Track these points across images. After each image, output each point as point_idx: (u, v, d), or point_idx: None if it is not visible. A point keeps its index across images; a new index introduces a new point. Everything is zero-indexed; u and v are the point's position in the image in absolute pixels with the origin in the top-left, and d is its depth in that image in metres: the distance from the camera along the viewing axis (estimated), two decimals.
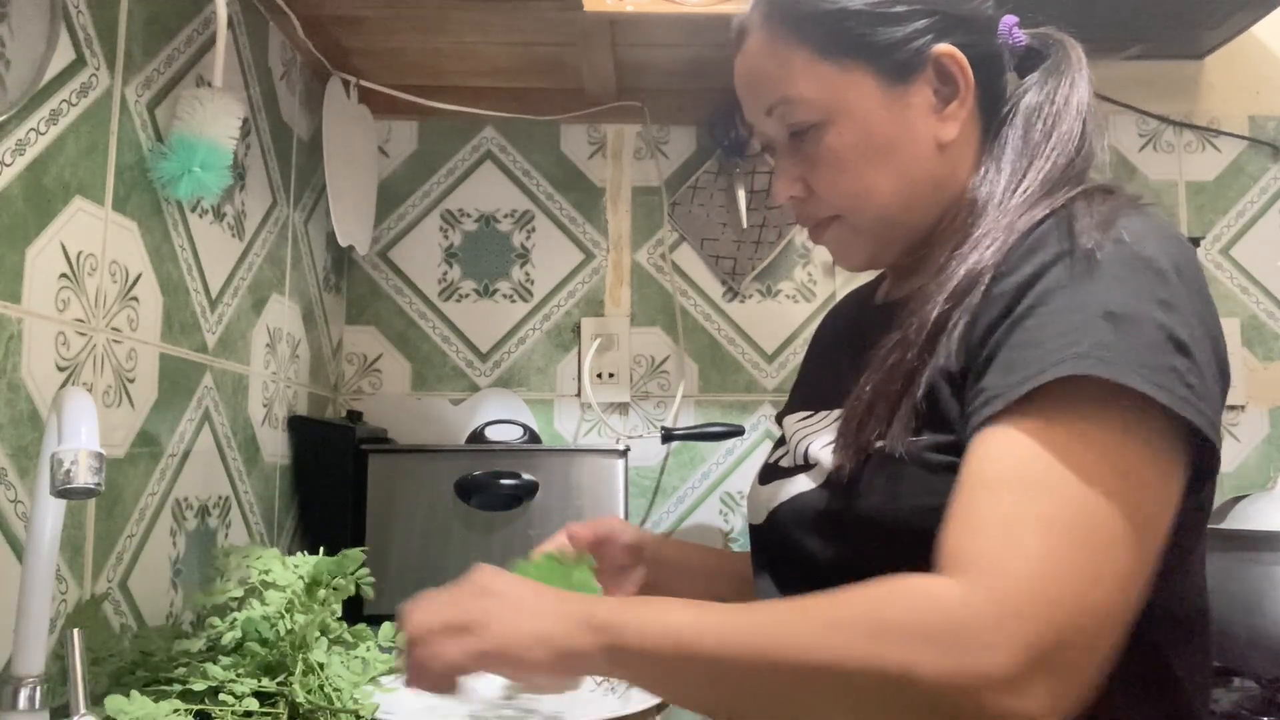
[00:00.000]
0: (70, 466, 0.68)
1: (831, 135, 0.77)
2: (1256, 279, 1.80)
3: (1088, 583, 0.57)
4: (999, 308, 0.66)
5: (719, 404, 1.79)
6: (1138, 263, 0.64)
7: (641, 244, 1.83)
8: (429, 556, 1.46)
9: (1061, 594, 0.56)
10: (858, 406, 0.73)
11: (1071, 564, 0.57)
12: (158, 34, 1.13)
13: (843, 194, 0.79)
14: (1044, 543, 0.57)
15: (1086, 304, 0.62)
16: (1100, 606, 0.57)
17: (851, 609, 0.59)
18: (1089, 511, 0.58)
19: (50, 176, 0.93)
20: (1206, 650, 0.72)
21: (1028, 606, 0.56)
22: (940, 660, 0.56)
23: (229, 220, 1.31)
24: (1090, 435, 0.60)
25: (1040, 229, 0.68)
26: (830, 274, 1.82)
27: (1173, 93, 1.83)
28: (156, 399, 1.12)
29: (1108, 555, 0.58)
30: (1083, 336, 0.61)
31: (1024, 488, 0.59)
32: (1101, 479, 0.59)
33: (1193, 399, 0.60)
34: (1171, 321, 0.62)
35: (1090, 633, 0.57)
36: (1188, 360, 0.61)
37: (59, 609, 0.93)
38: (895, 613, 0.58)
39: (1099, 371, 0.59)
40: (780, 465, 0.85)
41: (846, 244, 0.83)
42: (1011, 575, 0.57)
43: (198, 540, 1.23)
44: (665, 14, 1.43)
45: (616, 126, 1.85)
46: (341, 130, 1.64)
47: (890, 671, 0.56)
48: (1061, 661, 0.56)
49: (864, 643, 0.57)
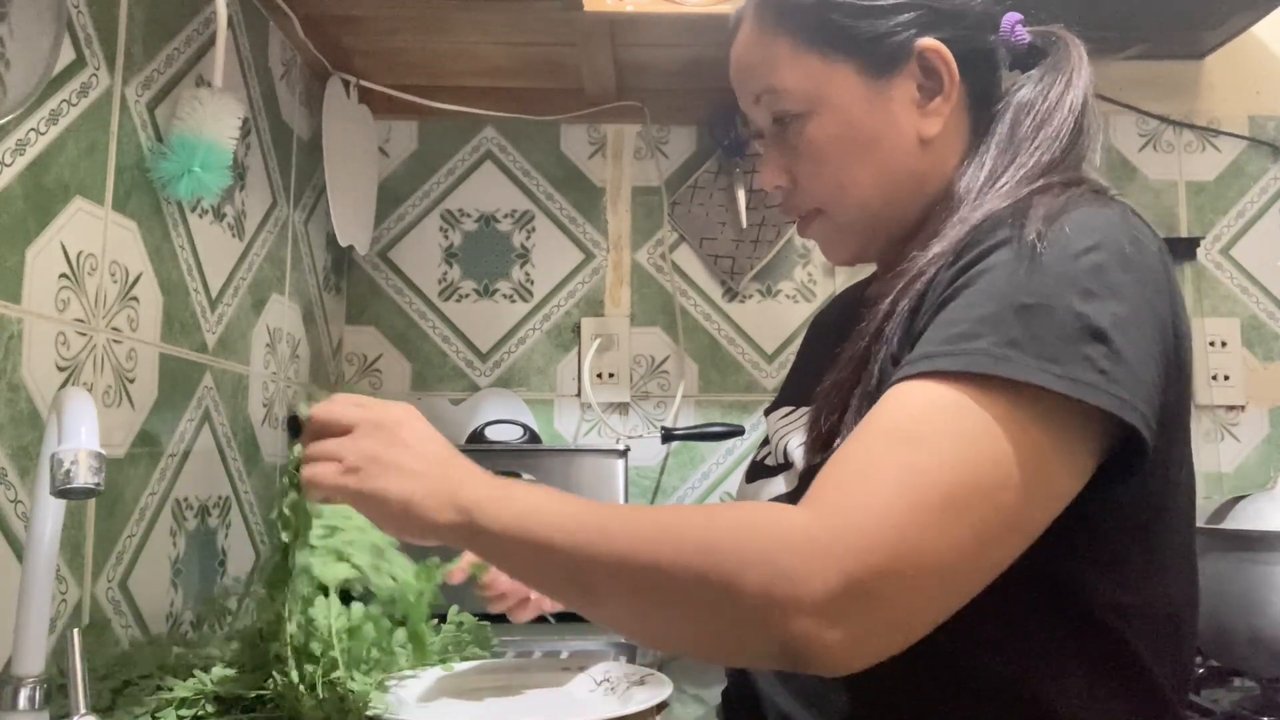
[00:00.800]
0: (70, 466, 0.68)
1: (813, 126, 0.77)
2: (1256, 279, 1.80)
3: (927, 535, 0.57)
4: (939, 293, 0.66)
5: (719, 404, 1.80)
6: (1069, 254, 0.63)
7: (641, 244, 1.83)
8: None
9: (895, 539, 0.56)
10: (821, 402, 0.73)
11: (914, 513, 0.57)
12: (158, 34, 1.13)
13: (824, 186, 0.79)
14: (893, 489, 0.58)
15: (1005, 293, 0.62)
16: (934, 561, 0.57)
17: (692, 521, 0.61)
18: (951, 469, 0.58)
19: (50, 176, 0.93)
20: (1187, 651, 0.72)
21: (856, 542, 0.56)
22: (762, 577, 0.56)
23: (229, 220, 1.31)
24: (977, 405, 0.59)
25: (993, 219, 0.68)
26: (830, 274, 1.82)
27: (1173, 93, 1.83)
28: (156, 399, 1.12)
29: (959, 514, 0.57)
30: (994, 330, 0.61)
31: (897, 438, 0.60)
32: (975, 443, 0.59)
33: (1103, 384, 0.59)
34: (1090, 310, 0.61)
35: (915, 583, 0.57)
36: (1104, 347, 0.60)
37: (59, 609, 0.93)
38: (735, 528, 0.59)
39: (1000, 371, 0.59)
40: (765, 464, 0.85)
41: (830, 238, 0.83)
42: (850, 512, 0.58)
43: (198, 540, 1.23)
44: (665, 14, 1.43)
45: (616, 126, 1.85)
46: (341, 130, 1.64)
47: (713, 580, 0.58)
48: (880, 599, 0.56)
49: (697, 548, 0.59)
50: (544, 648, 1.26)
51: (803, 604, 0.55)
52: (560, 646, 1.27)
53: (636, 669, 0.97)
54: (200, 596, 1.21)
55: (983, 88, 0.80)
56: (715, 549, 0.58)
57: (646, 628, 0.63)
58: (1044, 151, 0.74)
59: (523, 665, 1.05)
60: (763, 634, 0.57)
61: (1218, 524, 1.22)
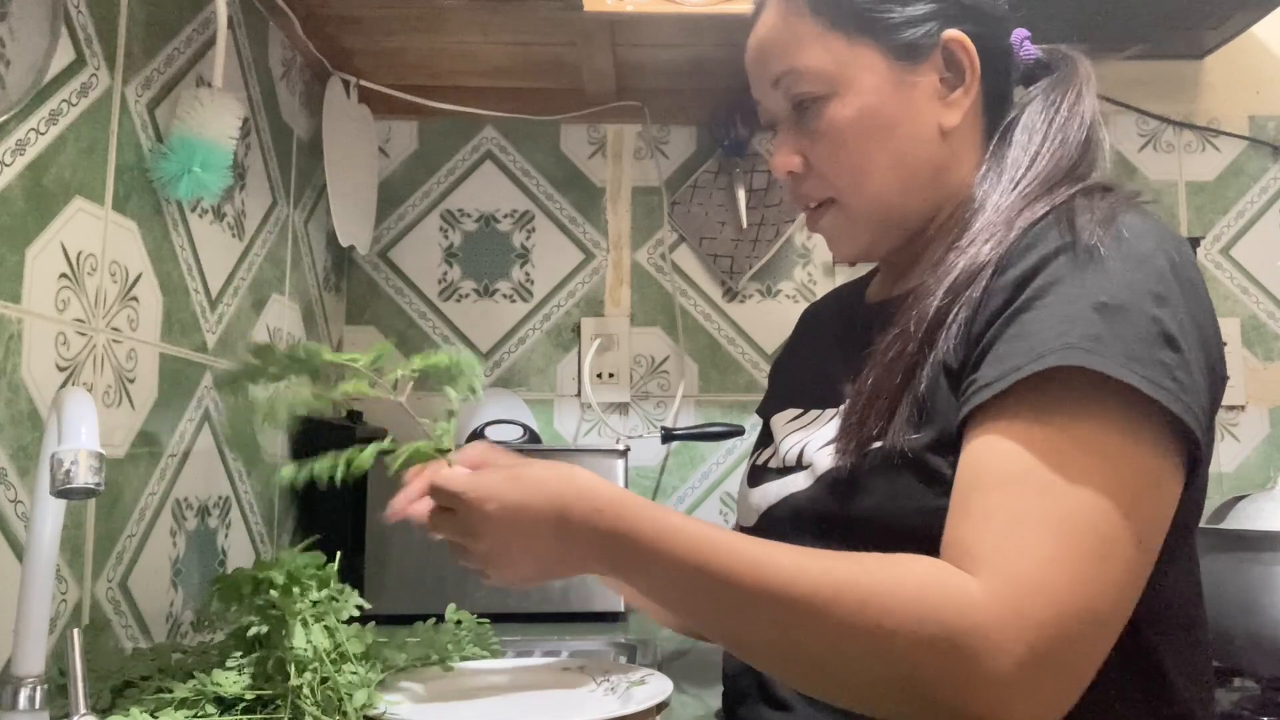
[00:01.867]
0: (70, 466, 0.68)
1: (834, 108, 0.77)
2: (1256, 279, 1.80)
3: (1090, 584, 0.57)
4: (999, 301, 0.66)
5: (719, 404, 1.79)
6: (1134, 258, 0.64)
7: (641, 244, 1.83)
8: (429, 556, 1.46)
9: (1066, 596, 0.56)
10: (858, 402, 0.72)
11: (1075, 566, 0.57)
12: (158, 34, 1.13)
13: (841, 170, 0.79)
14: (1050, 544, 0.58)
15: (1080, 296, 0.63)
16: (1101, 608, 0.57)
17: (867, 577, 0.59)
18: (1090, 511, 0.58)
19: (50, 176, 0.93)
20: (1202, 652, 0.72)
21: (1036, 610, 0.56)
22: (945, 659, 0.56)
23: (229, 220, 1.31)
24: (1086, 432, 0.60)
25: (1041, 223, 0.68)
26: (830, 273, 1.82)
27: (1173, 93, 1.83)
28: (156, 399, 1.12)
29: (1109, 556, 0.58)
30: (1073, 328, 0.61)
31: (1028, 485, 0.60)
32: (1102, 477, 0.59)
33: (1180, 394, 0.60)
34: (1163, 315, 0.62)
35: (1091, 634, 0.57)
36: (1177, 355, 0.61)
37: (59, 609, 0.93)
38: (916, 601, 0.58)
39: (1086, 362, 0.60)
40: (769, 466, 0.85)
41: (842, 231, 0.82)
42: (1020, 578, 0.57)
43: (198, 540, 1.23)
44: (665, 14, 1.43)
45: (616, 126, 1.85)
46: (341, 130, 1.64)
47: (894, 654, 0.57)
48: (1063, 663, 0.56)
49: (874, 619, 0.58)
50: (544, 648, 1.26)
51: (987, 683, 0.55)
52: (560, 646, 1.27)
53: (636, 669, 0.97)
54: (200, 597, 1.21)
55: (998, 90, 0.81)
56: (895, 626, 0.57)
57: (807, 680, 0.63)
58: (1062, 157, 0.75)
59: (523, 665, 1.05)
60: (944, 712, 0.57)
61: (1218, 524, 1.22)
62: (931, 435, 0.68)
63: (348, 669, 0.89)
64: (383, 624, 1.09)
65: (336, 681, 0.86)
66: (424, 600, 1.42)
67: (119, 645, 1.03)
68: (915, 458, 0.68)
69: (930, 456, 0.67)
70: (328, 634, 0.88)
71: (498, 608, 1.40)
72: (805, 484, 0.76)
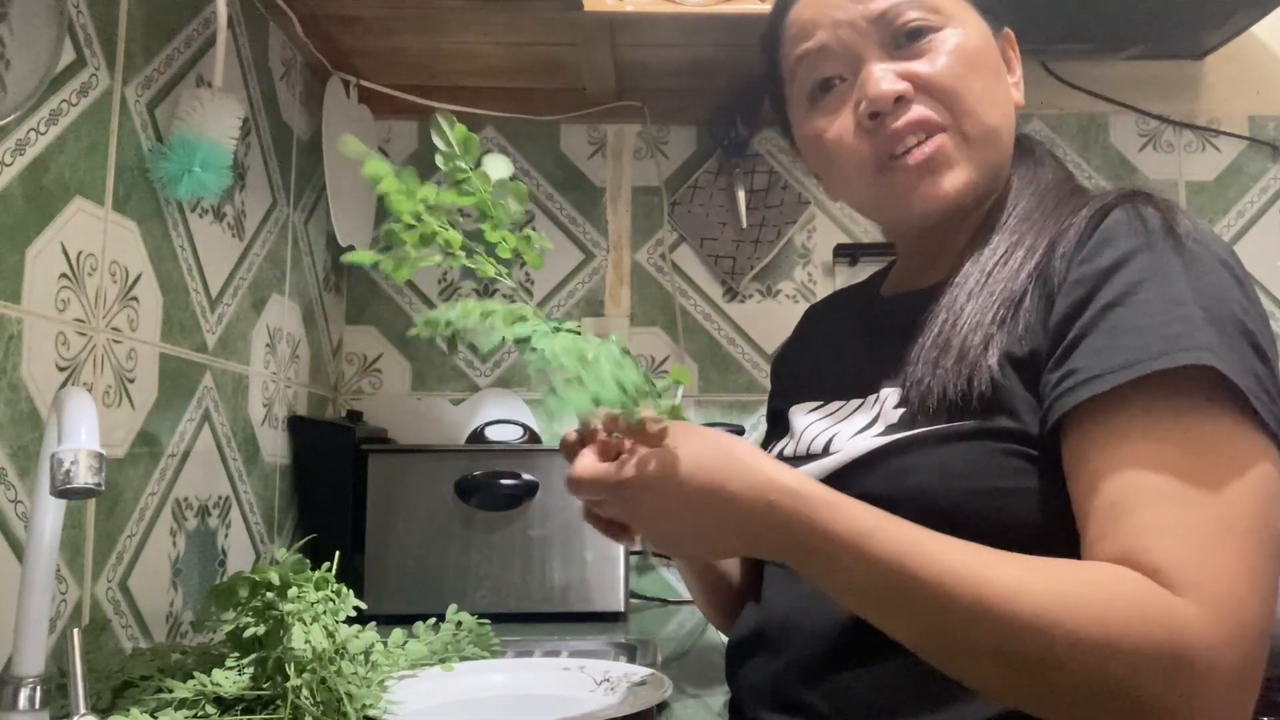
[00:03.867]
0: (70, 466, 0.68)
1: (960, 37, 0.79)
2: (1256, 279, 1.79)
3: (1267, 593, 0.59)
4: (1080, 293, 0.66)
5: (719, 404, 1.79)
6: (1217, 263, 0.65)
7: (641, 244, 1.83)
8: (429, 556, 1.46)
9: (1261, 610, 0.58)
10: (941, 344, 0.72)
11: (1257, 576, 0.58)
12: (158, 34, 1.13)
13: (967, 88, 0.77)
14: (1238, 558, 0.58)
15: (1183, 298, 0.63)
16: (1274, 613, 0.59)
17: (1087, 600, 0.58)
18: (1253, 516, 0.59)
19: (50, 176, 0.93)
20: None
21: (1243, 629, 0.57)
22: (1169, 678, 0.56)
23: (229, 220, 1.31)
24: (1220, 434, 0.61)
25: (1110, 219, 0.69)
26: (830, 274, 1.82)
27: (1173, 93, 1.83)
28: (156, 399, 1.12)
29: (1272, 557, 0.60)
30: (1192, 329, 0.61)
31: (1194, 494, 0.60)
32: (1248, 481, 0.60)
33: (1273, 407, 0.62)
34: (1251, 325, 0.63)
35: (1267, 640, 0.59)
36: (1266, 367, 0.62)
37: (59, 609, 0.93)
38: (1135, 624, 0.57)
39: (1218, 364, 0.60)
40: (784, 454, 0.85)
41: (950, 159, 0.78)
42: (1226, 599, 0.57)
43: (198, 540, 1.23)
44: (665, 14, 1.43)
45: (616, 126, 1.85)
46: (341, 130, 1.64)
47: (1114, 676, 0.56)
48: (1257, 676, 0.58)
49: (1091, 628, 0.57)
50: (544, 648, 1.26)
51: (1206, 700, 0.56)
52: (560, 646, 1.27)
53: (636, 669, 0.97)
54: (200, 596, 1.21)
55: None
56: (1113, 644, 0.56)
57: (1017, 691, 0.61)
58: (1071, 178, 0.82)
59: (523, 665, 1.05)
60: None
61: None
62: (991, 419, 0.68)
63: (347, 669, 0.89)
64: (383, 624, 1.09)
65: (335, 681, 0.86)
66: (424, 600, 1.42)
67: (119, 645, 1.03)
68: (972, 439, 0.68)
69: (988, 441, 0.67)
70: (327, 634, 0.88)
71: (498, 608, 1.40)
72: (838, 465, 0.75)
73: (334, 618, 0.92)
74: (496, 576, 1.46)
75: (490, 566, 1.46)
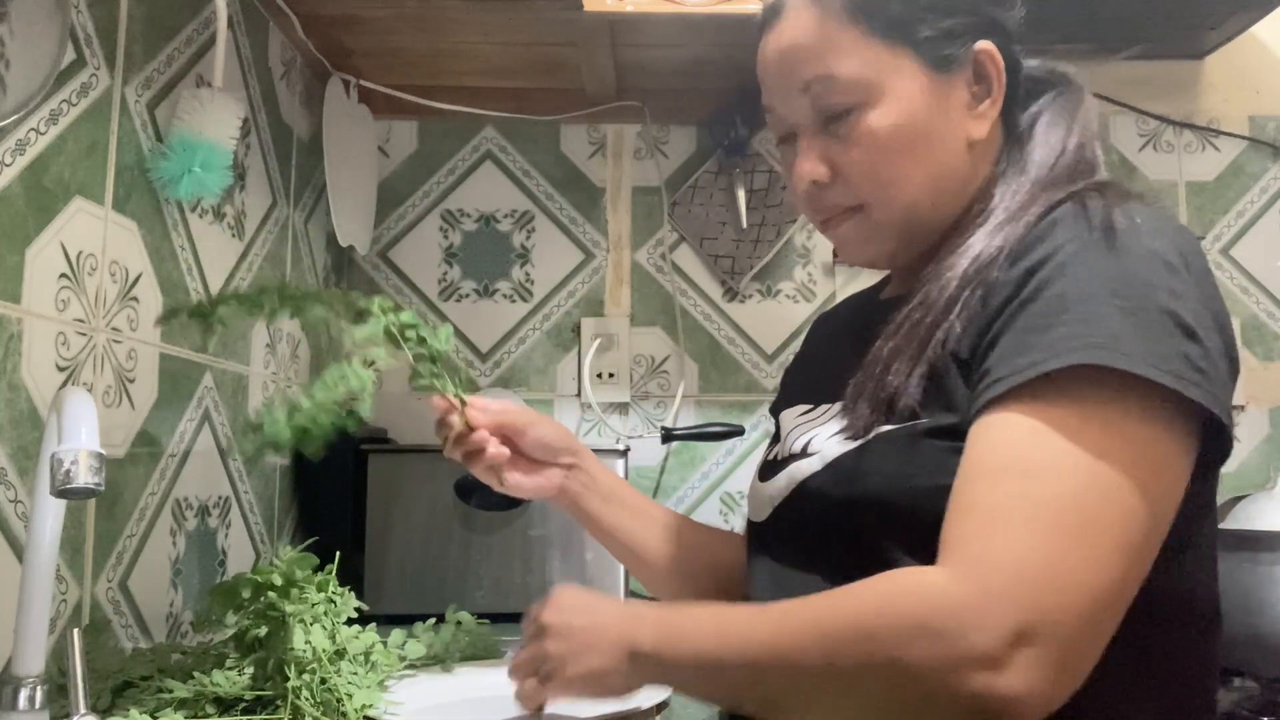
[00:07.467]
0: (70, 466, 0.68)
1: (873, 116, 0.76)
2: (1256, 279, 1.80)
3: (1079, 563, 0.58)
4: (1008, 290, 0.67)
5: (719, 404, 1.79)
6: (1147, 252, 0.65)
7: (641, 244, 1.83)
8: (429, 556, 1.46)
9: (1046, 576, 0.57)
10: (874, 366, 0.73)
11: (1059, 546, 0.58)
12: (158, 34, 1.13)
13: (876, 179, 0.77)
14: (1031, 527, 0.59)
15: (1097, 293, 0.63)
16: (1092, 586, 0.58)
17: (844, 610, 0.62)
18: (1085, 491, 0.59)
19: (50, 176, 0.93)
20: (1210, 648, 0.72)
21: (1010, 589, 0.57)
22: (926, 647, 0.58)
23: (229, 220, 1.31)
24: (1095, 417, 0.61)
25: (1053, 215, 0.69)
26: (830, 274, 1.82)
27: (1173, 93, 1.83)
28: (156, 399, 1.12)
29: (1104, 534, 0.59)
30: (1095, 325, 0.62)
31: (1019, 473, 0.61)
32: (1105, 458, 0.60)
33: (1204, 383, 0.61)
34: (1180, 309, 0.63)
35: (1079, 611, 0.58)
36: (1198, 346, 0.62)
37: (59, 609, 0.93)
38: (885, 606, 0.61)
39: (1114, 362, 0.60)
40: (778, 460, 0.85)
41: (864, 237, 0.81)
42: (994, 561, 0.58)
43: (198, 540, 1.23)
44: (665, 14, 1.43)
45: (616, 126, 1.85)
46: (341, 130, 1.64)
47: (879, 664, 0.59)
48: (1048, 640, 0.57)
49: (854, 641, 0.60)
50: None
51: (971, 662, 0.56)
52: None
53: None
54: (200, 596, 1.21)
55: (1011, 100, 0.81)
56: (874, 634, 0.60)
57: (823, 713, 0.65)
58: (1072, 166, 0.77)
59: None
60: (945, 702, 0.58)
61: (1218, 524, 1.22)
62: (940, 418, 0.68)
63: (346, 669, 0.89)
64: (383, 624, 1.09)
65: (335, 682, 0.86)
66: (424, 600, 1.42)
67: (119, 645, 1.03)
68: (924, 438, 0.68)
69: (938, 439, 0.68)
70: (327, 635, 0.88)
71: (498, 608, 1.40)
72: (814, 469, 0.76)
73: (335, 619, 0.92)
74: (496, 576, 1.46)
75: (490, 566, 1.46)
